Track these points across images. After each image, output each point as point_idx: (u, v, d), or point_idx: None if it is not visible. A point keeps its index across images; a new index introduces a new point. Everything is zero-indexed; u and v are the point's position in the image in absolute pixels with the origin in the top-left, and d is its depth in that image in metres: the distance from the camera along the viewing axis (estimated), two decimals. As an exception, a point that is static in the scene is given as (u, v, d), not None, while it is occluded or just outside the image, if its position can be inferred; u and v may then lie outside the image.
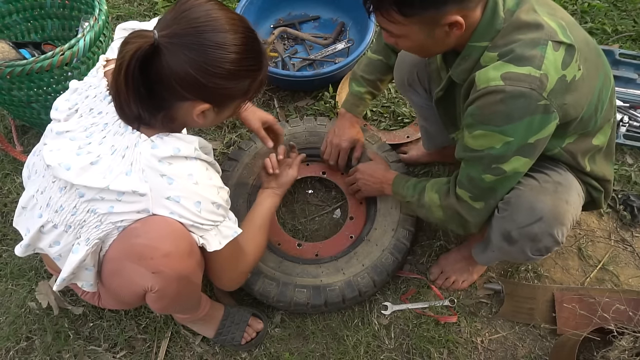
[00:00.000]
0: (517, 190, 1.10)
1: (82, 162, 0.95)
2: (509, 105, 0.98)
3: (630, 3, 2.17)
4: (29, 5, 1.85)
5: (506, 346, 1.44)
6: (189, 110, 0.95)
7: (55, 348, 1.44)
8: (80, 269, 1.04)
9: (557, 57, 0.98)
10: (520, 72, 0.97)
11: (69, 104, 1.04)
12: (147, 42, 0.87)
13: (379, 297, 1.50)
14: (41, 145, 1.06)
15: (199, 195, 0.98)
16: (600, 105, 1.10)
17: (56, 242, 1.04)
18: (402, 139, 1.81)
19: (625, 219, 1.63)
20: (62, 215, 1.00)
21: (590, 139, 1.15)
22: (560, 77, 0.98)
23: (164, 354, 1.42)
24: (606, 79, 1.12)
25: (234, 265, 1.16)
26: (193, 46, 0.88)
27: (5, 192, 1.73)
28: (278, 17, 2.15)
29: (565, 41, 0.99)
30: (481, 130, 1.02)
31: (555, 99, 0.99)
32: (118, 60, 0.90)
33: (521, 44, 0.98)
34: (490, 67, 1.00)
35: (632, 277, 1.53)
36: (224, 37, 0.90)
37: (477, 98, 1.01)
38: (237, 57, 0.92)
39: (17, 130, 1.89)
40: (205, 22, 0.90)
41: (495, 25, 1.01)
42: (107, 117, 0.99)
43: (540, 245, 1.12)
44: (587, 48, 1.07)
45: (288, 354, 1.42)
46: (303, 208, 1.70)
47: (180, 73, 0.89)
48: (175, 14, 0.91)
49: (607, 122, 1.16)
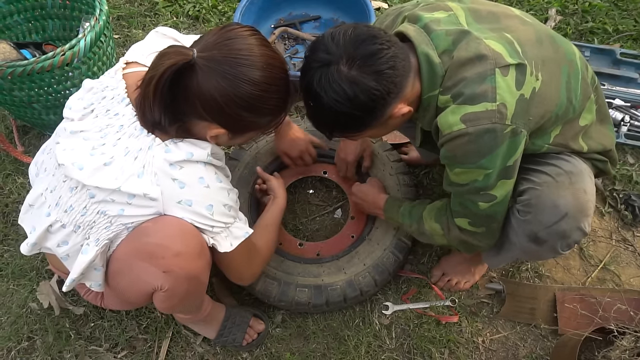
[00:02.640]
0: (535, 191, 1.09)
1: (96, 162, 0.96)
2: (477, 144, 1.00)
3: (631, 2, 2.17)
4: (30, 5, 1.85)
5: (507, 346, 1.43)
6: (205, 129, 0.98)
7: (57, 348, 1.44)
8: (89, 269, 1.05)
9: (509, 82, 0.99)
10: (477, 111, 0.98)
11: (83, 103, 1.04)
12: (185, 59, 0.90)
13: (380, 297, 1.50)
14: (53, 143, 1.07)
15: (211, 199, 0.99)
16: (572, 94, 1.09)
17: (64, 242, 1.04)
18: (403, 138, 1.80)
19: (627, 219, 1.62)
20: (71, 215, 1.00)
21: (576, 122, 1.13)
22: (519, 98, 0.99)
23: (165, 354, 1.42)
24: (570, 66, 1.10)
25: (248, 263, 1.19)
26: (227, 76, 0.91)
27: (7, 193, 1.73)
28: (279, 17, 2.15)
29: (512, 62, 0.99)
30: (459, 168, 1.05)
31: (520, 119, 1.00)
32: (152, 70, 0.92)
33: (468, 82, 0.99)
34: (448, 112, 1.02)
35: (633, 277, 1.53)
36: (257, 74, 0.93)
37: (445, 142, 1.04)
38: (265, 95, 0.95)
39: (18, 131, 1.89)
40: (245, 56, 0.93)
41: (437, 73, 1.02)
42: (124, 119, 1.00)
43: (570, 240, 1.11)
44: (541, 49, 1.05)
45: (289, 354, 1.42)
46: (304, 208, 1.70)
47: (206, 95, 0.92)
48: (218, 39, 0.94)
49: (588, 99, 1.15)
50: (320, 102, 0.98)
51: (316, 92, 0.98)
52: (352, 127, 1.05)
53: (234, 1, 2.23)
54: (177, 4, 2.25)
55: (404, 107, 1.03)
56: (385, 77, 0.96)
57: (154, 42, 1.14)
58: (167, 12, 2.22)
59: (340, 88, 0.95)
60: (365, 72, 0.95)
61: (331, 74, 0.95)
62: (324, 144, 1.60)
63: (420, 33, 1.04)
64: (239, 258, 1.13)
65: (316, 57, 0.98)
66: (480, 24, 1.05)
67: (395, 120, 1.06)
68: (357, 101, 0.96)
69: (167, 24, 2.16)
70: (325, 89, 0.96)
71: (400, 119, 1.06)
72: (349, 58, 0.95)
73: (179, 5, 2.24)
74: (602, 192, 1.67)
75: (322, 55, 0.97)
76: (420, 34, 1.04)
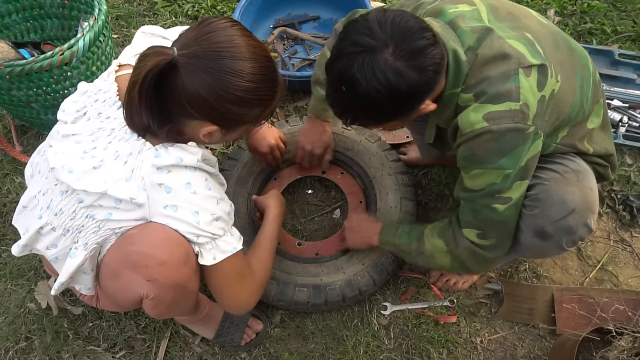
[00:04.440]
0: (543, 186, 1.09)
1: (85, 165, 0.95)
2: (498, 142, 0.99)
3: (629, 3, 2.17)
4: (28, 5, 1.84)
5: (505, 346, 1.44)
6: (196, 128, 0.95)
7: (55, 348, 1.44)
8: (78, 273, 1.04)
9: (532, 82, 0.98)
10: (500, 110, 0.98)
11: (77, 106, 1.04)
12: (166, 59, 0.87)
13: (378, 297, 1.50)
14: (46, 146, 1.06)
15: (197, 205, 0.96)
16: (584, 97, 1.10)
17: (53, 245, 1.04)
18: (402, 139, 1.80)
19: (625, 219, 1.63)
20: (61, 219, 1.00)
21: (584, 124, 1.15)
22: (540, 99, 0.99)
23: (163, 354, 1.42)
24: (583, 70, 1.11)
25: (239, 286, 1.09)
26: (210, 70, 0.88)
27: (5, 192, 1.73)
28: (278, 17, 2.15)
29: (534, 63, 0.99)
30: (478, 169, 1.04)
31: (540, 120, 1.00)
32: (134, 74, 0.89)
33: (492, 81, 0.99)
34: (470, 110, 1.01)
35: (631, 277, 1.53)
36: (243, 65, 0.90)
37: (465, 141, 1.02)
38: (252, 85, 0.91)
39: (16, 130, 1.88)
40: (226, 47, 0.89)
41: (463, 70, 1.01)
42: (115, 122, 0.99)
43: (576, 236, 1.11)
44: (558, 51, 1.06)
45: (287, 354, 1.42)
46: (303, 208, 1.70)
47: (193, 94, 0.89)
48: (198, 35, 0.90)
49: (597, 103, 1.16)
50: (357, 87, 0.94)
51: (355, 77, 0.93)
52: (379, 117, 1.01)
53: (233, 1, 2.23)
54: (176, 3, 2.25)
55: (431, 104, 1.02)
56: (428, 74, 0.95)
57: (141, 42, 1.13)
58: (166, 12, 2.22)
59: (385, 77, 0.92)
60: (411, 66, 0.92)
61: (376, 61, 0.91)
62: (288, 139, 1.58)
63: (447, 29, 1.02)
64: (228, 279, 1.06)
65: (359, 40, 0.93)
66: (500, 22, 1.04)
67: (418, 114, 1.04)
68: (398, 93, 0.94)
69: (165, 24, 2.16)
70: (367, 76, 0.92)
71: (421, 113, 1.04)
72: (396, 48, 0.91)
73: (178, 5, 2.24)
74: (600, 193, 1.67)
75: (366, 39, 0.93)
76: (447, 30, 1.02)
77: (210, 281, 1.07)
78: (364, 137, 1.63)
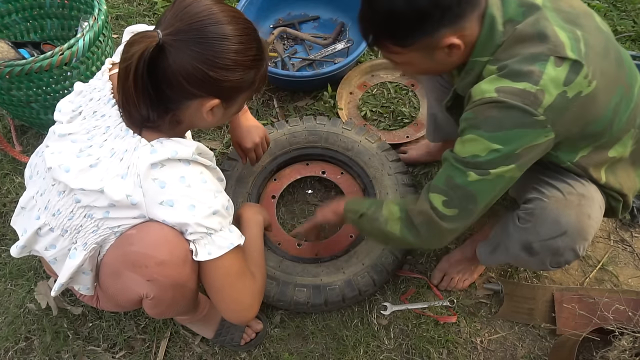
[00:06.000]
0: (541, 202, 1.08)
1: (82, 164, 0.95)
2: (501, 114, 0.96)
3: (629, 3, 2.17)
4: (28, 5, 1.84)
5: (505, 346, 1.44)
6: (198, 108, 0.95)
7: (54, 348, 1.44)
8: (78, 273, 1.04)
9: (559, 74, 0.94)
10: (515, 87, 0.95)
11: (72, 105, 1.04)
12: (152, 42, 0.87)
13: (378, 297, 1.50)
14: (44, 146, 1.06)
15: (193, 199, 0.95)
16: (617, 118, 1.05)
17: (52, 246, 1.04)
18: (401, 138, 1.81)
19: (625, 220, 1.63)
20: (59, 219, 1.00)
21: (606, 151, 1.10)
22: (561, 92, 0.95)
23: (163, 354, 1.42)
24: (627, 90, 1.06)
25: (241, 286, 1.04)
26: (198, 40, 0.88)
27: (5, 192, 1.73)
28: (278, 17, 2.15)
29: (570, 57, 0.94)
30: (471, 134, 1.00)
31: (554, 115, 0.96)
32: (123, 63, 0.88)
33: (519, 59, 0.96)
34: (485, 81, 0.99)
35: (631, 277, 1.53)
36: (227, 28, 0.91)
37: (472, 107, 1.01)
38: (242, 47, 0.92)
39: (16, 130, 1.88)
40: (207, 15, 0.90)
41: (495, 39, 0.99)
42: (110, 120, 0.99)
43: (561, 259, 1.11)
44: (604, 60, 1.00)
45: (287, 354, 1.42)
46: (303, 208, 1.70)
47: (187, 69, 0.89)
48: (176, 12, 0.91)
49: (627, 133, 1.10)
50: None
51: None
52: (400, 32, 0.99)
53: (232, 1, 2.23)
54: (175, 3, 2.25)
55: (454, 38, 0.98)
56: None
57: None
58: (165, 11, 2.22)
59: None
60: None
61: None
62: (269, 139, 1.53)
63: None
64: (228, 279, 1.01)
65: None
66: (556, 12, 1.00)
67: (440, 55, 1.01)
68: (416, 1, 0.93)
69: (165, 24, 2.15)
70: None
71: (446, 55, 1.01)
72: None
73: (178, 5, 2.24)
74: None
75: None
76: None
77: (208, 282, 1.02)
78: (364, 137, 1.63)
